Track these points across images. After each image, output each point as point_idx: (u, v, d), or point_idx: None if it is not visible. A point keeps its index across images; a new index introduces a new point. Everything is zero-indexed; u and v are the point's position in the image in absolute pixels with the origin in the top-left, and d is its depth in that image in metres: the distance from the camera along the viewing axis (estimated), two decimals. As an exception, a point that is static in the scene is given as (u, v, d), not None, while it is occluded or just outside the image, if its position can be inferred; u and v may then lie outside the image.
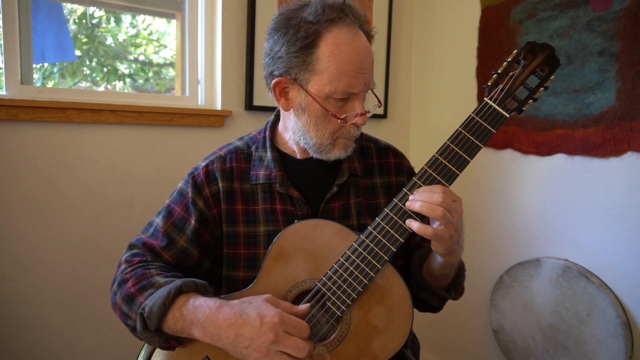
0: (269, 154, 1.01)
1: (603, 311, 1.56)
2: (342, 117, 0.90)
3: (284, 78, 0.92)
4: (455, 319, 2.14)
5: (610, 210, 1.60)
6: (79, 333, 1.62)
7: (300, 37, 0.87)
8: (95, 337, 1.65)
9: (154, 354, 0.90)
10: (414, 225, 0.83)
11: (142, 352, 0.93)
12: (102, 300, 1.64)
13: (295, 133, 0.97)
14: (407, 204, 0.85)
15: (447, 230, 0.82)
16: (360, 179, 1.04)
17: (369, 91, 0.97)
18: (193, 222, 0.97)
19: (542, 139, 1.76)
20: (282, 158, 1.02)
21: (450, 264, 0.92)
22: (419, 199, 0.83)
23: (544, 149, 1.76)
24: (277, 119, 1.07)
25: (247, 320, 0.77)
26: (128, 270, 0.92)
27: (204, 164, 1.03)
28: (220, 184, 0.99)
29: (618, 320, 1.52)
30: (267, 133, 1.04)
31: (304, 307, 0.84)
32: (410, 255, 1.08)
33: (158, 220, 1.00)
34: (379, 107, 1.00)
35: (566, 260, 1.70)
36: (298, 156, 1.02)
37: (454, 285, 0.99)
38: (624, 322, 1.52)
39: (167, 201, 1.03)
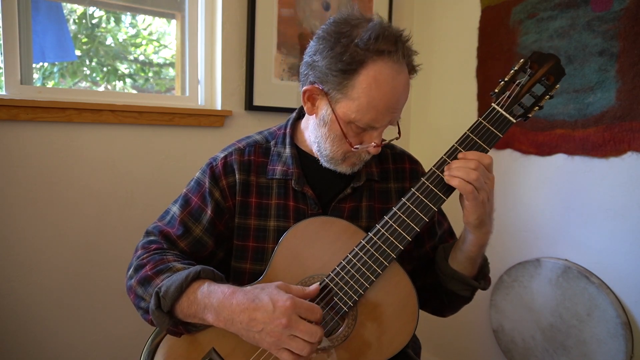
0: (287, 150, 1.02)
1: (603, 311, 1.56)
2: (355, 147, 0.92)
3: (317, 87, 0.92)
4: (455, 319, 2.13)
5: (610, 210, 1.60)
6: (79, 333, 1.62)
7: (345, 59, 0.86)
8: (95, 337, 1.65)
9: (160, 344, 0.90)
10: (453, 180, 0.85)
11: (148, 342, 0.92)
12: (102, 300, 1.64)
13: (311, 135, 0.99)
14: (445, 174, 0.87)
15: (481, 194, 0.85)
16: (375, 184, 1.05)
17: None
18: (209, 212, 0.99)
19: (542, 139, 1.76)
20: (301, 155, 1.03)
21: (479, 244, 0.92)
22: (455, 175, 0.85)
23: (544, 149, 1.76)
24: (298, 116, 1.08)
25: (260, 305, 0.78)
26: (145, 255, 0.93)
27: (222, 155, 1.04)
28: (237, 176, 1.00)
29: (618, 320, 1.52)
30: (288, 129, 1.05)
31: (314, 286, 0.85)
32: (425, 260, 1.09)
33: (175, 209, 1.01)
34: (397, 139, 1.01)
35: (566, 260, 1.70)
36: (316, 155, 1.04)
37: (481, 275, 1.00)
38: (624, 322, 1.52)
39: (184, 190, 1.04)
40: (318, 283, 0.86)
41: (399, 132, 1.00)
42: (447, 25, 2.18)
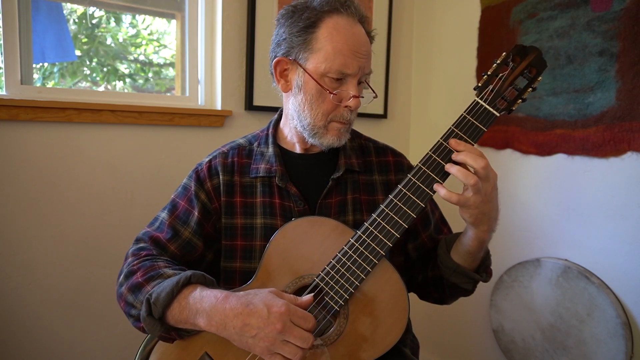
0: (270, 149, 1.05)
1: (603, 311, 1.56)
2: (335, 92, 0.94)
3: (285, 59, 0.97)
4: (455, 319, 2.13)
5: (610, 210, 1.60)
6: (79, 332, 1.62)
7: (303, 18, 0.94)
8: (95, 337, 1.65)
9: (153, 350, 0.90)
10: (440, 191, 0.85)
11: (140, 349, 0.93)
12: (102, 300, 1.65)
13: (292, 118, 1.01)
14: (452, 156, 0.86)
15: (473, 198, 0.84)
16: (359, 176, 1.06)
17: (366, 85, 1.00)
18: (196, 214, 1.00)
19: (542, 139, 1.76)
20: (283, 154, 1.05)
21: (479, 239, 0.91)
22: (458, 164, 0.84)
23: (544, 149, 1.76)
24: (280, 117, 1.11)
25: (255, 310, 0.78)
26: (135, 262, 0.94)
27: (207, 159, 1.07)
28: (221, 178, 1.03)
29: (618, 320, 1.52)
30: (270, 130, 1.09)
31: (307, 297, 0.85)
32: (422, 251, 1.10)
33: (163, 215, 1.03)
34: (374, 98, 1.03)
35: (566, 260, 1.70)
36: (297, 149, 1.05)
37: (483, 267, 1.00)
38: (624, 322, 1.52)
39: (172, 196, 1.06)
40: (312, 294, 0.85)
41: (374, 91, 1.03)
42: (447, 25, 2.18)
